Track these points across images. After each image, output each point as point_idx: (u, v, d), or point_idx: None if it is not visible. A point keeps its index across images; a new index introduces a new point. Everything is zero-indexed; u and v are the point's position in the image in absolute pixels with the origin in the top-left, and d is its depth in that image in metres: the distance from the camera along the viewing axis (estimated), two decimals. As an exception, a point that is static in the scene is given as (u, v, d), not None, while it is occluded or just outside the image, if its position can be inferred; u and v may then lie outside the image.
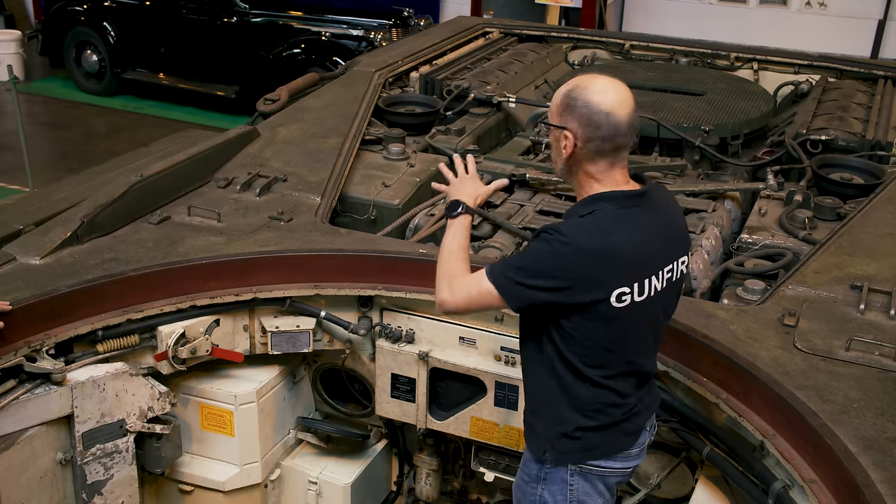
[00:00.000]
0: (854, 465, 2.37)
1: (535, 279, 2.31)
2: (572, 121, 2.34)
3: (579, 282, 2.29)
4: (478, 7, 12.62)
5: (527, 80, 6.11)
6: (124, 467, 3.18)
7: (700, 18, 12.35)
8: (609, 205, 2.34)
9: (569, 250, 2.27)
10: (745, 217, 4.23)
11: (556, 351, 2.42)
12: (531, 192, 4.42)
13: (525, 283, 2.32)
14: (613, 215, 2.33)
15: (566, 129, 2.35)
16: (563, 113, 2.35)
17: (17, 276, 3.19)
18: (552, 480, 2.56)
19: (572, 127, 2.34)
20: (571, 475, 2.54)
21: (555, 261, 2.28)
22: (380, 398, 3.56)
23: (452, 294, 2.44)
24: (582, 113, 2.32)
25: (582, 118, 2.32)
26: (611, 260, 2.30)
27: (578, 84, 2.35)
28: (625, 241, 2.32)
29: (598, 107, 2.30)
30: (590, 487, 2.56)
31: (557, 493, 2.56)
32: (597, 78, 2.36)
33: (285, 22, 10.40)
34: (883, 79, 6.06)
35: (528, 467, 2.61)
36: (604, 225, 2.31)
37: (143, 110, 11.03)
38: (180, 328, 3.26)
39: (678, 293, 2.59)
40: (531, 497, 2.61)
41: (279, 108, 5.18)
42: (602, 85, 2.33)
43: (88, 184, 4.20)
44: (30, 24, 13.63)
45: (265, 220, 3.70)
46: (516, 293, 2.34)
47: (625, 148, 2.36)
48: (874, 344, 2.90)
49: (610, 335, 2.39)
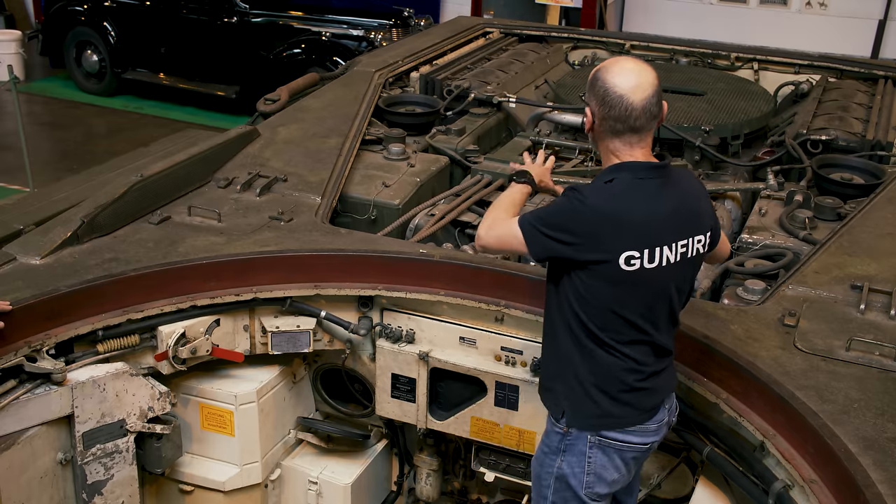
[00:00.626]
0: (854, 465, 2.37)
1: (552, 230, 2.48)
2: (592, 98, 2.52)
3: (587, 239, 2.45)
4: (478, 7, 12.63)
5: (527, 80, 6.10)
6: (124, 467, 3.19)
7: (700, 18, 12.35)
8: (627, 174, 2.49)
9: (583, 209, 2.44)
10: (746, 217, 4.24)
11: (573, 311, 2.55)
12: (531, 192, 4.41)
13: (544, 233, 2.49)
14: (630, 183, 2.48)
15: (588, 105, 2.54)
16: (588, 90, 2.53)
17: (18, 275, 3.19)
18: (571, 452, 2.65)
19: (591, 104, 2.52)
20: (590, 448, 2.63)
21: (570, 217, 2.46)
22: (380, 398, 3.56)
23: (488, 231, 2.65)
24: (599, 93, 2.48)
25: (599, 97, 2.48)
26: (619, 223, 2.44)
27: (605, 65, 2.51)
28: (635, 208, 2.46)
29: (613, 89, 2.45)
30: (607, 461, 2.65)
31: (576, 464, 2.65)
32: (623, 61, 2.51)
33: (285, 22, 10.40)
34: (883, 79, 6.05)
35: (550, 438, 2.71)
36: (618, 191, 2.47)
37: (143, 110, 11.04)
38: (181, 328, 3.26)
39: (693, 271, 2.67)
40: (549, 468, 2.70)
41: (279, 108, 5.18)
42: (624, 68, 2.48)
43: (89, 184, 4.20)
44: (30, 24, 13.63)
45: (265, 220, 3.70)
46: (536, 241, 2.51)
47: (642, 130, 2.49)
48: (874, 344, 2.90)
49: (617, 297, 2.51)
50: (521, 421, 3.33)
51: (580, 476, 2.66)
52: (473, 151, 4.79)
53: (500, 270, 3.33)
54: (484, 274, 3.33)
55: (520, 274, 3.30)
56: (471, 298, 3.34)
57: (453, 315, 3.41)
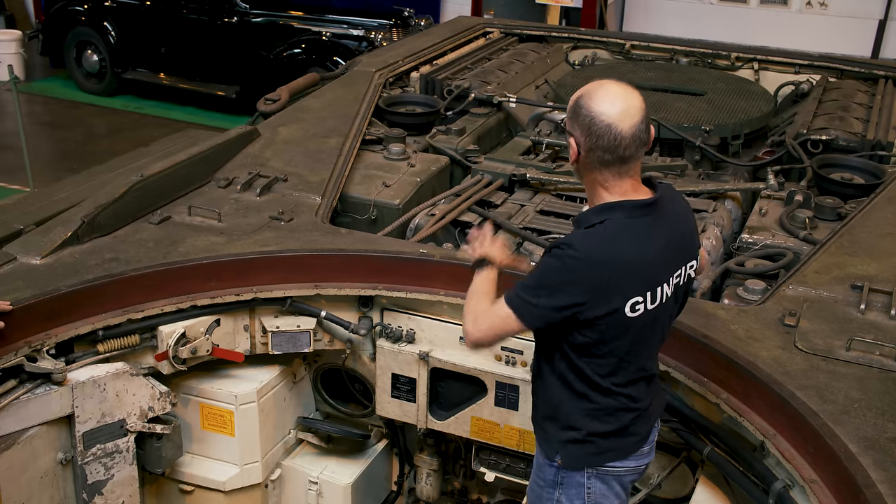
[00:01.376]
0: (854, 465, 2.37)
1: (548, 296, 2.29)
2: (576, 128, 2.32)
3: (594, 294, 2.27)
4: (478, 7, 12.62)
5: (527, 80, 6.10)
6: (125, 467, 3.18)
7: (700, 18, 12.35)
8: (619, 214, 2.32)
9: (577, 263, 2.26)
10: (746, 217, 4.23)
11: (569, 363, 2.42)
12: (531, 192, 4.42)
13: (541, 303, 2.30)
14: (623, 224, 2.31)
15: (572, 135, 2.34)
16: (571, 119, 2.34)
17: (18, 275, 3.19)
18: (569, 485, 2.56)
19: (576, 135, 2.32)
20: (588, 478, 2.54)
21: (565, 275, 2.27)
22: (380, 398, 3.56)
23: (476, 325, 2.41)
24: (584, 122, 2.29)
25: (584, 127, 2.29)
26: (623, 270, 2.29)
27: (587, 91, 2.32)
28: (636, 251, 2.31)
29: (600, 118, 2.27)
30: (606, 489, 2.57)
31: (575, 496, 2.56)
32: (606, 86, 2.32)
33: (286, 22, 10.40)
34: (883, 79, 6.06)
35: (544, 472, 2.61)
36: (614, 235, 2.30)
37: (143, 110, 11.04)
38: (181, 328, 3.26)
39: (686, 295, 2.60)
40: (548, 501, 2.61)
41: (280, 108, 5.18)
42: (609, 94, 2.29)
43: (89, 184, 4.20)
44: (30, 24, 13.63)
45: (266, 220, 3.70)
46: (532, 313, 2.32)
47: (632, 159, 2.31)
48: (875, 344, 2.90)
49: (623, 345, 2.38)
50: (522, 421, 3.33)
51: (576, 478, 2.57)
52: (474, 151, 4.79)
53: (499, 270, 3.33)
54: (484, 274, 3.33)
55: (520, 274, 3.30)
56: (471, 298, 3.33)
57: (453, 315, 3.40)
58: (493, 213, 4.15)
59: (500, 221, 4.01)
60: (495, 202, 4.29)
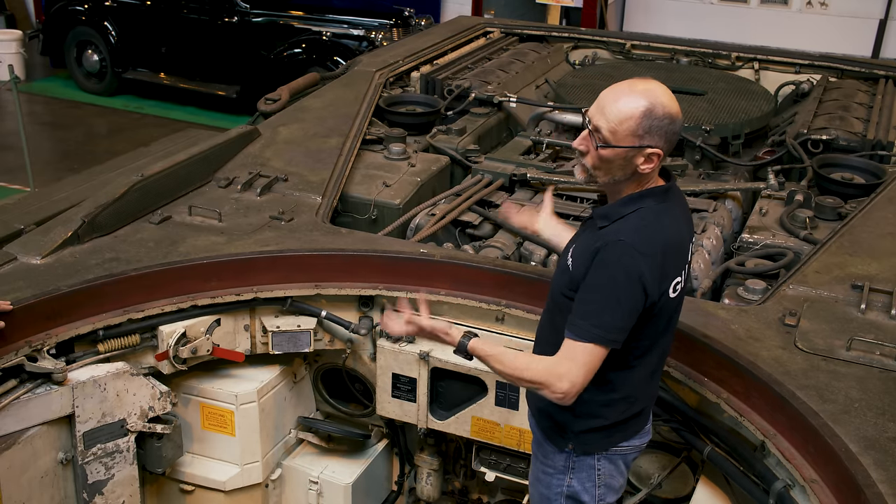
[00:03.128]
0: (855, 464, 2.37)
1: (628, 311, 2.28)
2: (658, 137, 2.28)
3: (655, 284, 2.31)
4: (479, 7, 12.62)
5: (528, 80, 6.11)
6: (125, 467, 3.19)
7: (701, 18, 12.35)
8: (651, 201, 2.36)
9: (639, 261, 2.27)
10: (746, 217, 4.23)
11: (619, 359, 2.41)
12: (532, 191, 4.42)
13: (622, 323, 2.29)
14: (658, 210, 2.36)
15: (652, 147, 2.29)
16: (648, 133, 2.27)
17: (18, 275, 3.19)
18: (580, 468, 2.59)
19: (659, 143, 2.29)
20: (598, 460, 2.59)
21: (633, 280, 2.27)
22: (381, 398, 3.56)
23: (565, 381, 2.29)
24: (664, 126, 2.27)
25: (666, 132, 2.28)
26: (670, 252, 2.35)
27: (656, 97, 2.28)
28: (675, 232, 2.38)
29: (677, 118, 2.29)
30: (613, 469, 2.62)
31: (586, 479, 2.60)
32: (661, 87, 2.32)
33: (286, 22, 10.40)
34: (884, 78, 6.06)
35: (552, 459, 2.63)
36: (654, 222, 2.33)
37: (143, 110, 11.04)
38: (181, 328, 3.26)
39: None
40: (558, 488, 2.63)
41: (280, 107, 5.19)
42: (663, 88, 2.31)
43: (89, 184, 4.20)
44: (31, 24, 13.62)
45: (266, 220, 3.70)
46: (620, 334, 2.30)
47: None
48: (875, 344, 2.90)
49: (660, 327, 2.43)
50: (522, 420, 3.32)
51: (592, 490, 2.60)
52: (474, 151, 4.79)
53: (500, 270, 3.33)
54: (484, 274, 3.33)
55: (520, 274, 3.30)
56: (471, 298, 3.34)
57: (454, 315, 3.40)
58: (494, 212, 4.15)
59: (500, 221, 4.01)
60: (495, 202, 4.29)
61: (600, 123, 2.31)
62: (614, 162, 2.32)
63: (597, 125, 2.32)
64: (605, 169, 2.35)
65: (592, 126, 2.34)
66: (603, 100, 2.33)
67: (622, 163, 2.32)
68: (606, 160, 2.32)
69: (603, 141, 2.30)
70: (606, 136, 2.30)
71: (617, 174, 2.35)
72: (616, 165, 2.33)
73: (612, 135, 2.29)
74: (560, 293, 2.46)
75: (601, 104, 2.33)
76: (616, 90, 2.32)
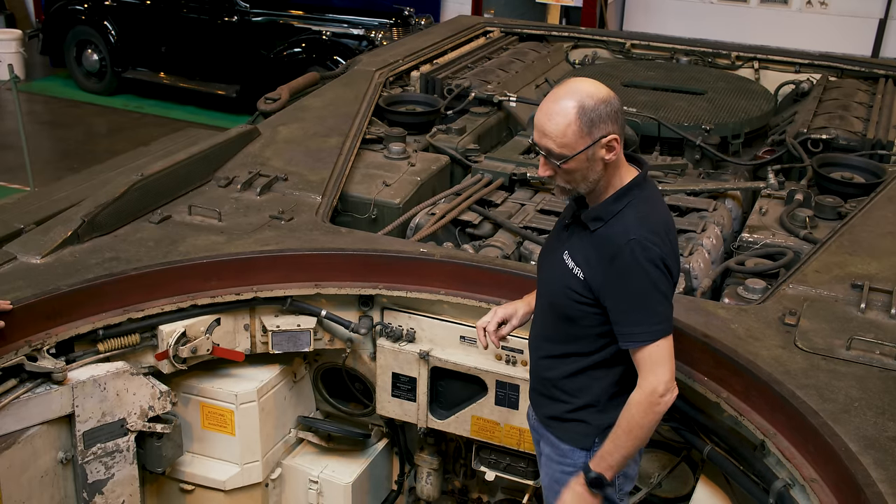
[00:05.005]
0: (855, 464, 2.37)
1: (669, 296, 2.41)
2: (604, 124, 2.32)
3: (673, 265, 2.41)
4: (478, 6, 12.62)
5: (527, 80, 6.11)
6: (125, 466, 3.19)
7: (701, 17, 12.35)
8: (636, 191, 2.43)
9: (656, 250, 2.34)
10: (746, 216, 4.23)
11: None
12: (532, 191, 4.42)
13: (670, 308, 2.41)
14: (645, 198, 2.43)
15: (605, 135, 2.32)
16: (593, 126, 2.31)
17: (18, 275, 3.19)
18: None
19: (609, 129, 2.33)
20: None
21: (660, 268, 2.36)
22: (380, 397, 3.56)
23: (661, 386, 2.39)
24: (602, 112, 2.31)
25: (608, 116, 2.31)
26: (671, 234, 2.45)
27: (581, 92, 2.32)
28: (667, 215, 2.50)
29: (610, 99, 2.33)
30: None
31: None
32: (581, 81, 2.38)
33: (286, 21, 10.40)
34: (884, 78, 6.06)
35: (571, 457, 2.65)
36: (650, 210, 2.41)
37: (143, 109, 11.04)
38: (181, 327, 3.26)
39: None
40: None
41: (280, 107, 5.18)
42: (588, 81, 2.38)
43: (89, 183, 4.20)
44: (30, 24, 13.63)
45: (266, 220, 3.70)
46: (671, 320, 2.42)
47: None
48: (875, 343, 2.90)
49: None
50: (522, 420, 3.32)
51: (612, 482, 2.59)
52: (474, 150, 4.79)
53: (500, 270, 3.33)
54: (484, 273, 3.33)
55: (520, 273, 3.30)
56: (471, 297, 3.34)
57: (454, 314, 3.40)
58: (494, 212, 4.15)
59: (500, 220, 4.02)
60: (495, 201, 4.29)
61: (548, 145, 2.35)
62: (581, 168, 2.37)
63: (547, 148, 2.36)
64: (578, 178, 2.40)
65: (544, 151, 2.38)
66: (538, 122, 2.38)
67: (588, 164, 2.36)
68: (573, 171, 2.37)
69: (559, 158, 2.34)
70: (561, 153, 2.34)
71: (591, 176, 2.39)
72: (585, 169, 2.37)
73: (564, 148, 2.33)
74: (569, 298, 2.48)
75: (539, 128, 2.38)
76: (544, 109, 2.37)
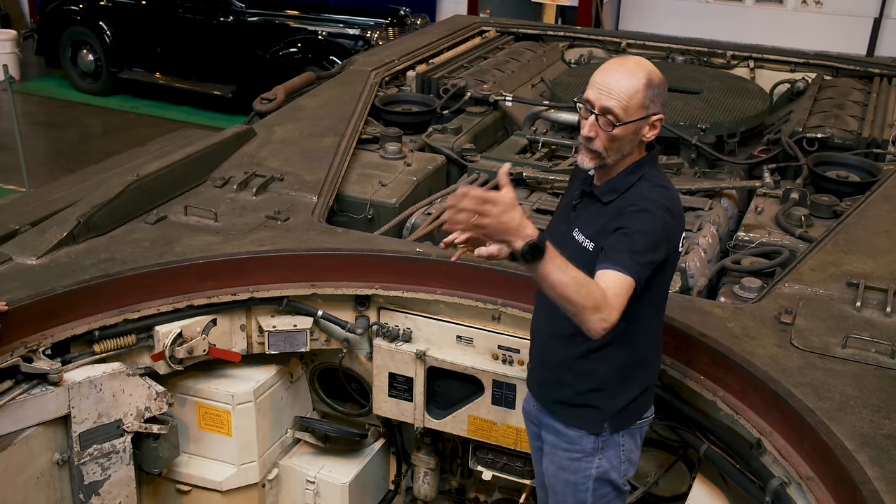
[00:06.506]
0: (851, 461, 2.38)
1: (654, 253, 2.36)
2: (659, 103, 2.41)
3: (676, 237, 2.45)
4: (474, 6, 12.62)
5: (523, 79, 6.11)
6: (121, 467, 3.18)
7: (696, 17, 12.37)
8: (649, 167, 2.48)
9: (668, 217, 2.39)
10: (742, 215, 4.24)
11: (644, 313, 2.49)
12: (528, 190, 4.42)
13: (651, 267, 2.36)
14: (658, 173, 2.50)
15: (657, 113, 2.41)
16: (653, 101, 2.37)
17: (14, 276, 3.19)
18: (608, 447, 2.64)
19: (659, 108, 2.42)
20: (622, 436, 2.64)
21: (664, 232, 2.38)
22: (377, 397, 3.56)
23: (615, 311, 2.23)
24: (662, 91, 2.40)
25: (663, 96, 2.41)
26: (680, 208, 2.50)
27: (648, 67, 2.38)
28: (676, 189, 2.54)
29: (666, 84, 2.41)
30: (633, 444, 2.69)
31: (613, 457, 2.65)
32: (644, 59, 2.44)
33: (282, 21, 10.38)
34: (879, 77, 6.07)
35: (580, 443, 2.64)
36: (664, 183, 2.48)
37: (139, 110, 11.02)
38: (177, 328, 3.26)
39: None
40: (587, 471, 2.65)
41: (276, 107, 5.18)
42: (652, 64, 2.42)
43: (85, 184, 4.19)
44: (25, 24, 13.61)
45: (262, 220, 3.70)
46: (645, 274, 2.34)
47: None
48: (870, 341, 2.91)
49: (667, 281, 2.56)
50: (519, 419, 3.32)
51: (619, 467, 2.66)
52: (470, 150, 4.80)
53: (496, 269, 3.33)
54: (481, 273, 3.33)
55: (517, 273, 3.30)
56: (468, 297, 3.34)
57: (450, 314, 3.40)
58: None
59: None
60: (492, 201, 4.28)
61: (610, 104, 2.35)
62: (625, 138, 2.39)
63: (606, 106, 2.35)
64: (616, 147, 2.41)
65: (600, 108, 2.36)
66: (603, 81, 2.37)
67: (632, 137, 2.40)
68: (618, 138, 2.39)
69: (616, 119, 2.35)
70: (619, 115, 2.35)
71: (626, 149, 2.42)
72: (626, 140, 2.40)
73: (625, 112, 2.34)
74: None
75: (603, 85, 2.36)
76: (612, 70, 2.38)
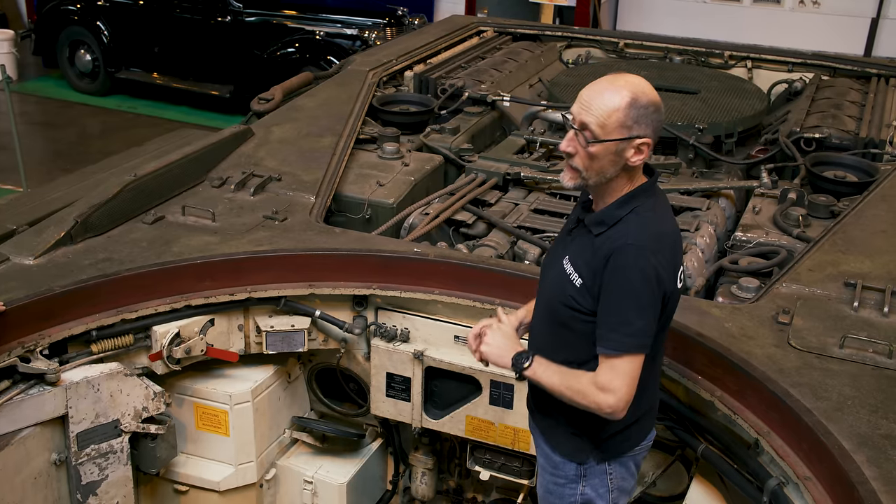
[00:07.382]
0: (848, 461, 2.38)
1: (653, 310, 2.29)
2: (646, 126, 2.26)
3: (672, 279, 2.35)
4: (472, 6, 12.62)
5: (521, 79, 6.11)
6: (119, 468, 3.18)
7: (694, 17, 12.38)
8: (643, 198, 2.34)
9: (652, 261, 2.25)
10: (740, 215, 4.24)
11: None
12: (525, 190, 4.42)
13: (649, 324, 2.28)
14: (651, 206, 2.35)
15: (642, 136, 2.26)
16: (636, 122, 2.24)
17: (11, 276, 3.18)
18: (592, 475, 2.56)
19: (647, 132, 2.27)
20: (610, 464, 2.56)
21: (651, 281, 2.26)
22: (375, 397, 3.56)
23: (611, 396, 2.26)
24: (650, 114, 2.25)
25: (652, 121, 2.26)
26: (676, 245, 2.40)
27: (637, 87, 2.27)
28: (672, 225, 2.42)
29: (659, 106, 2.28)
30: (625, 472, 2.60)
31: (599, 486, 2.57)
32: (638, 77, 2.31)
33: (279, 21, 10.38)
34: (876, 77, 6.08)
35: (563, 469, 2.58)
36: (654, 219, 2.33)
37: (137, 110, 11.01)
38: (175, 328, 3.26)
39: None
40: (571, 497, 2.59)
41: (273, 107, 5.18)
42: (646, 83, 2.30)
43: (82, 184, 4.19)
44: (23, 24, 13.60)
45: (259, 220, 3.70)
46: (648, 339, 2.29)
47: None
48: (868, 341, 2.91)
49: (669, 316, 2.44)
50: (516, 419, 3.33)
51: (605, 495, 2.57)
52: (468, 150, 4.80)
53: (494, 269, 3.33)
54: (478, 273, 3.33)
55: (514, 273, 3.31)
56: (465, 297, 3.34)
57: (448, 314, 3.40)
58: (488, 211, 4.15)
59: (494, 220, 4.02)
60: (489, 201, 4.29)
61: (588, 120, 2.27)
62: (604, 158, 2.28)
63: (584, 122, 2.28)
64: (596, 167, 2.30)
65: (578, 124, 2.29)
66: (586, 96, 2.30)
67: (613, 158, 2.28)
68: (597, 157, 2.28)
69: (592, 137, 2.26)
70: (595, 132, 2.26)
71: (608, 171, 2.30)
72: (607, 161, 2.28)
73: (601, 129, 2.25)
74: (563, 304, 2.39)
75: (585, 101, 2.29)
76: (597, 86, 2.29)
